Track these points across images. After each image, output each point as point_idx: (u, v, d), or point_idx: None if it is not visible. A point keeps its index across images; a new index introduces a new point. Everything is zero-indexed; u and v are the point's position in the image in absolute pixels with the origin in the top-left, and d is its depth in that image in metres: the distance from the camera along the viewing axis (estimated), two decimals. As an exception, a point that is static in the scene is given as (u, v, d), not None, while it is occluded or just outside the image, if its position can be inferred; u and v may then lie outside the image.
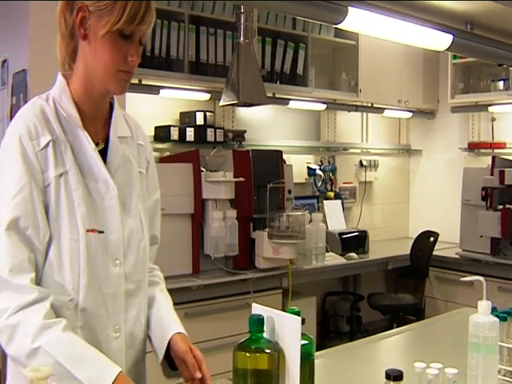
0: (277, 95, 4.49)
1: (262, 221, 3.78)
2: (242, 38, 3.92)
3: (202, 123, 4.18)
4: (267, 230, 3.68)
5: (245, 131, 4.51)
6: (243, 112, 4.69)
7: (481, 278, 1.77)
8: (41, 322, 1.31)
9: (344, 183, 5.27)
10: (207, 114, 4.20)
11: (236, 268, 3.74)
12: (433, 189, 5.66)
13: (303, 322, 4.25)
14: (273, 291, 3.94)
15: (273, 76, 4.46)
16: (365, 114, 5.51)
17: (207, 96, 4.15)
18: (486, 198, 4.36)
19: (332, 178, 5.11)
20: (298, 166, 4.90)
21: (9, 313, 1.31)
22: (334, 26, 2.69)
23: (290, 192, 4.01)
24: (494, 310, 1.72)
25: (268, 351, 1.29)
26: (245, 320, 3.57)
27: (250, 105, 4.19)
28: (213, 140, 4.20)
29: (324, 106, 4.83)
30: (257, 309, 1.33)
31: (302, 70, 4.60)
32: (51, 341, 1.30)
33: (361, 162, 5.38)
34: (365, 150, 5.53)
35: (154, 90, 3.93)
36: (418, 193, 5.88)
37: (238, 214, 3.65)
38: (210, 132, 4.20)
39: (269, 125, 4.91)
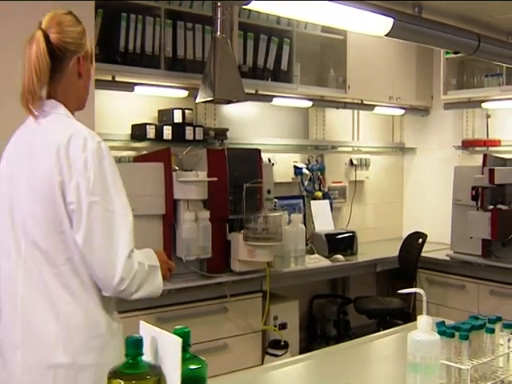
0: (260, 92, 4.36)
1: (238, 222, 3.64)
2: (218, 33, 3.78)
3: (181, 121, 4.05)
4: (243, 231, 3.54)
5: (227, 129, 4.37)
6: (227, 110, 4.55)
7: (420, 291, 1.61)
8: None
9: (333, 183, 5.12)
10: (186, 111, 4.08)
11: (211, 271, 3.60)
12: (426, 188, 5.50)
13: (284, 326, 4.08)
14: (252, 295, 3.81)
15: (255, 72, 4.31)
16: (355, 111, 5.35)
17: (185, 93, 4.02)
18: (476, 198, 4.18)
19: (320, 177, 4.96)
20: (285, 165, 4.77)
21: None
22: (243, 6, 2.50)
23: (269, 192, 3.86)
24: (440, 326, 1.56)
25: (147, 377, 1.13)
26: (221, 325, 3.44)
27: (229, 102, 4.05)
28: (192, 138, 4.07)
29: (310, 103, 4.69)
30: (143, 328, 1.18)
31: (287, 66, 4.45)
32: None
33: (351, 160, 5.22)
34: (356, 149, 5.36)
35: (128, 86, 3.81)
36: (412, 192, 5.71)
37: (213, 215, 3.51)
38: (188, 130, 4.08)
39: (254, 123, 4.76)
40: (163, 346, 1.11)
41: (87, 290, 1.74)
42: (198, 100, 3.82)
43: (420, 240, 4.40)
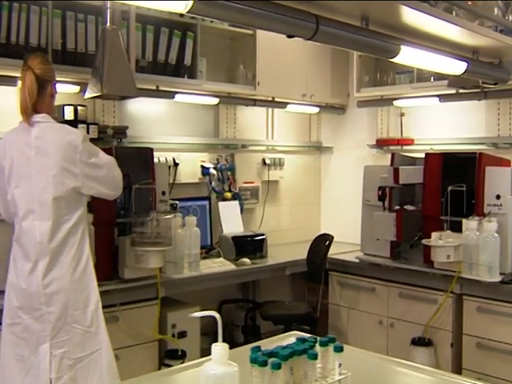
0: (161, 88, 4.13)
1: (128, 226, 3.42)
2: (108, 24, 3.54)
3: (72, 118, 3.80)
4: (131, 236, 3.32)
5: (126, 127, 4.14)
6: (129, 106, 4.33)
7: (216, 315, 1.42)
8: None
9: (245, 183, 4.93)
10: (79, 108, 3.83)
11: (98, 279, 3.35)
12: (343, 188, 5.37)
13: (184, 335, 3.80)
14: (147, 302, 3.60)
15: (156, 67, 4.09)
16: (270, 109, 5.19)
17: (76, 88, 3.77)
18: (382, 199, 4.06)
19: (230, 177, 4.77)
20: (192, 164, 4.56)
21: None
22: None
23: (163, 193, 3.65)
24: (254, 351, 1.37)
25: None
26: (112, 335, 3.21)
27: (123, 98, 3.83)
28: (86, 136, 3.83)
29: (217, 100, 4.49)
30: None
31: (191, 61, 4.24)
32: None
33: (264, 160, 5.05)
34: (270, 148, 5.19)
35: (12, 81, 3.52)
36: (330, 192, 5.59)
37: (97, 219, 3.27)
38: (81, 128, 3.83)
39: (159, 121, 4.54)
40: None
41: None
42: (86, 95, 3.58)
43: (327, 242, 4.25)
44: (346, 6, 2.47)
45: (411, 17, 2.60)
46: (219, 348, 1.28)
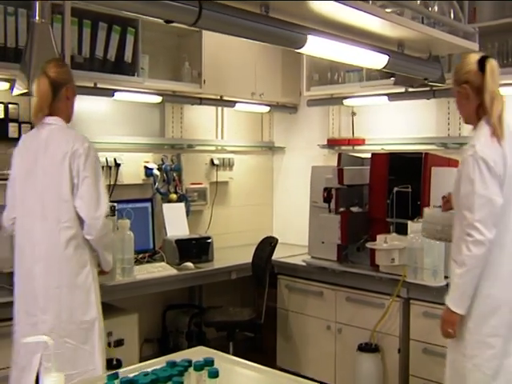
0: (99, 85, 3.96)
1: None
2: (37, 18, 3.35)
3: (3, 117, 3.63)
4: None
5: (63, 126, 3.95)
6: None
7: (46, 339, 1.27)
8: None
9: (192, 184, 4.77)
10: (9, 106, 3.66)
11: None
12: (295, 189, 5.23)
13: (121, 343, 3.59)
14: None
15: (93, 64, 3.92)
16: (219, 108, 5.04)
17: (5, 85, 3.59)
18: (328, 200, 3.94)
19: (176, 178, 4.61)
20: (135, 165, 4.40)
21: None
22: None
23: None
24: (111, 379, 1.21)
25: None
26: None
27: (55, 95, 3.63)
28: (17, 136, 3.64)
29: (160, 99, 4.33)
30: None
31: (131, 58, 4.08)
32: None
33: (212, 160, 4.90)
34: (220, 148, 5.04)
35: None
36: (282, 193, 5.46)
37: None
38: (12, 127, 3.69)
39: (102, 120, 4.36)
40: None
41: None
42: (14, 92, 3.36)
43: (271, 245, 4.12)
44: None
45: (317, 4, 2.37)
46: (53, 379, 1.12)
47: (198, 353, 1.95)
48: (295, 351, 4.40)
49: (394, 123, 4.67)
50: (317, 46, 2.52)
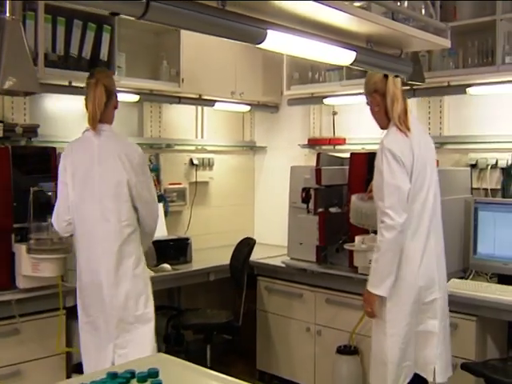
0: (74, 84, 3.89)
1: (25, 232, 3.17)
2: (8, 14, 3.27)
3: (-26, 116, 3.56)
4: (27, 242, 3.08)
5: (37, 126, 3.89)
6: (42, 104, 4.09)
7: None
8: None
9: (170, 184, 4.71)
10: (-19, 105, 3.59)
11: (-7, 288, 3.14)
12: (276, 189, 5.15)
13: None
14: (51, 313, 3.36)
15: (68, 62, 3.84)
16: (199, 107, 4.98)
17: (-24, 84, 3.51)
18: (306, 201, 3.89)
19: (154, 178, 4.53)
20: (113, 165, 4.32)
21: None
22: None
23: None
24: None
25: None
26: (13, 349, 2.96)
27: (27, 94, 3.54)
28: (-11, 135, 3.58)
29: (137, 97, 4.26)
30: None
31: (107, 56, 4.00)
32: None
33: (191, 160, 4.83)
34: (200, 147, 4.98)
35: None
36: (263, 194, 5.40)
37: (-8, 224, 3.05)
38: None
39: (77, 119, 4.25)
40: None
41: None
42: (-16, 91, 3.32)
43: (249, 246, 4.06)
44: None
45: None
46: None
47: (152, 361, 1.76)
48: (275, 353, 4.35)
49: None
50: (278, 42, 2.42)
